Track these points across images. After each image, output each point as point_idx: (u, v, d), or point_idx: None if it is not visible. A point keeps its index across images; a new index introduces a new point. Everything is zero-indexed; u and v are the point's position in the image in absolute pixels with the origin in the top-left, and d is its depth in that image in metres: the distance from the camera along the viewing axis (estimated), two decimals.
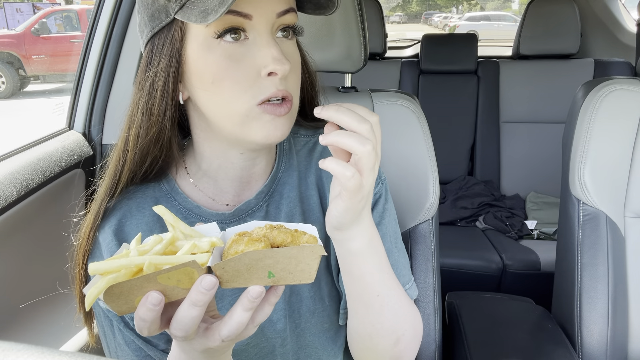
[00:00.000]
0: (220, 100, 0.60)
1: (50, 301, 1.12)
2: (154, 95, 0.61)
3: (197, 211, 0.69)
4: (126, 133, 0.65)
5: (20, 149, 1.09)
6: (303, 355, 0.73)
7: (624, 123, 1.04)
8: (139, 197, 0.69)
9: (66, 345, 1.07)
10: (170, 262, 0.45)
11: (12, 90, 7.75)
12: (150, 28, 0.61)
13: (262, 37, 0.58)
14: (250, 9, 0.57)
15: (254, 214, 0.70)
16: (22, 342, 0.27)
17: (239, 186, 0.70)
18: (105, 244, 0.66)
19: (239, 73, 0.58)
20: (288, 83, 0.61)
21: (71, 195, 1.19)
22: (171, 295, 0.46)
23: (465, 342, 1.06)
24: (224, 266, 0.45)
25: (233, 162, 0.68)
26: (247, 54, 0.58)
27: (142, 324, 0.46)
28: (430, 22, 23.16)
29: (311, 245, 0.46)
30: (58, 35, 8.58)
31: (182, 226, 0.50)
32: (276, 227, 0.50)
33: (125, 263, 0.45)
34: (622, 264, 1.05)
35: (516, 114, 2.43)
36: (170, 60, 0.60)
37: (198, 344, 0.50)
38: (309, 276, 0.47)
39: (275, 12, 0.59)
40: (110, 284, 0.44)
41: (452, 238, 2.07)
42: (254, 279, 0.47)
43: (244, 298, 0.46)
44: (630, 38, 2.55)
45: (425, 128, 1.02)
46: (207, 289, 0.44)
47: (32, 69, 8.11)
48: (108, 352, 0.70)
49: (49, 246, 1.13)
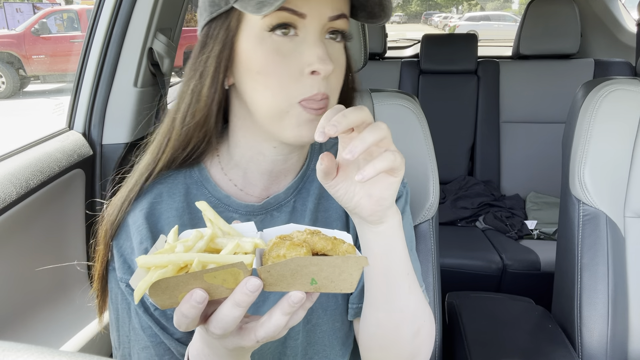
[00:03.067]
0: (264, 91, 0.61)
1: (50, 301, 1.12)
2: (204, 79, 0.63)
3: (226, 201, 0.70)
4: (174, 115, 0.66)
5: (20, 149, 1.10)
6: (311, 352, 0.73)
7: (624, 123, 1.04)
8: (170, 182, 0.70)
9: (66, 345, 1.07)
10: (217, 262, 0.46)
11: (12, 90, 7.75)
12: (209, 13, 0.63)
13: (311, 36, 0.60)
14: (305, 9, 0.59)
15: (281, 208, 0.71)
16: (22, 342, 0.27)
17: (268, 180, 0.71)
18: (135, 226, 0.67)
19: (284, 67, 0.60)
20: (329, 84, 0.62)
21: (71, 195, 1.19)
22: (214, 294, 0.46)
23: (465, 342, 1.06)
24: (269, 270, 0.46)
25: (265, 155, 0.68)
26: (294, 51, 0.60)
27: (183, 320, 0.46)
28: (430, 22, 23.17)
29: (356, 257, 0.47)
30: (58, 35, 8.58)
31: (222, 223, 0.51)
32: (315, 232, 0.51)
33: (174, 259, 0.45)
34: (622, 264, 1.05)
35: (516, 114, 2.43)
36: (223, 47, 0.62)
37: (230, 342, 0.50)
38: (350, 286, 0.48)
39: (328, 15, 0.61)
40: (159, 278, 0.44)
41: (452, 238, 2.07)
42: (297, 285, 0.47)
43: (285, 302, 0.47)
44: (630, 38, 2.56)
45: (425, 128, 1.02)
46: (251, 291, 0.45)
47: (32, 69, 8.11)
48: (117, 336, 0.71)
49: (49, 246, 1.13)
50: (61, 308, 1.14)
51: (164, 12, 1.33)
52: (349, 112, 0.52)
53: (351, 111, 0.52)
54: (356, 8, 0.66)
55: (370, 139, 0.51)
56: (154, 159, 0.68)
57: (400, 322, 0.65)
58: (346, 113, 0.52)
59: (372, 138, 0.51)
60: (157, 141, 0.69)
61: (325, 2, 0.60)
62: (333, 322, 0.73)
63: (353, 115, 0.52)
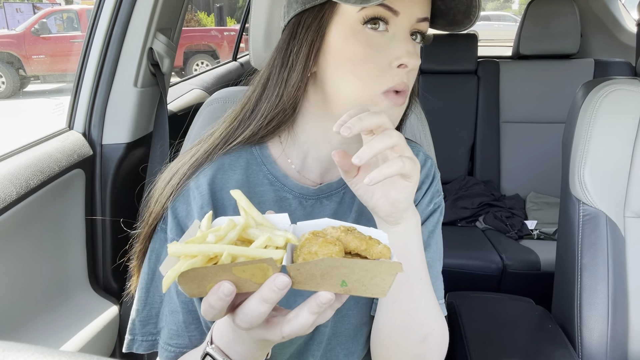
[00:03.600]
0: (353, 79, 0.64)
1: (50, 301, 1.12)
2: (295, 65, 0.66)
3: (284, 180, 0.72)
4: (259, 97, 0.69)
5: (20, 149, 1.10)
6: (335, 342, 0.74)
7: (624, 123, 1.04)
8: (232, 156, 0.73)
9: (66, 345, 1.07)
10: (247, 255, 0.46)
11: (12, 90, 7.75)
12: (302, 3, 0.66)
13: (402, 33, 0.64)
14: (399, 7, 0.63)
15: (331, 197, 0.73)
16: (22, 342, 0.27)
17: (326, 167, 0.73)
18: (198, 190, 0.69)
19: (374, 59, 0.63)
20: (410, 79, 0.66)
21: (71, 195, 1.19)
22: (242, 287, 0.46)
23: (465, 342, 1.06)
24: (299, 268, 0.46)
25: (331, 142, 0.70)
26: (384, 45, 0.64)
27: (210, 310, 0.47)
28: None
29: (390, 262, 0.46)
30: (58, 35, 8.58)
31: (255, 213, 0.51)
32: (350, 230, 0.50)
33: (204, 250, 0.45)
34: (622, 264, 1.05)
35: (516, 114, 2.43)
36: (316, 37, 0.65)
37: (256, 334, 0.50)
38: (382, 291, 0.47)
39: (417, 16, 0.65)
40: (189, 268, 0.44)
41: (452, 238, 2.06)
42: (326, 285, 0.47)
43: (313, 302, 0.47)
44: (630, 38, 2.56)
45: (426, 128, 1.02)
46: (279, 288, 0.45)
47: (32, 69, 8.11)
48: (146, 296, 0.70)
49: (49, 246, 1.13)
50: (61, 308, 1.14)
51: (164, 12, 1.33)
52: (365, 116, 0.55)
53: (367, 116, 0.55)
54: (435, 16, 0.69)
55: (377, 147, 0.53)
56: (231, 134, 0.71)
57: (406, 324, 0.66)
58: (362, 117, 0.54)
59: (380, 146, 0.54)
60: (238, 118, 0.71)
61: (417, 3, 0.64)
62: (362, 316, 0.74)
63: (368, 121, 0.54)
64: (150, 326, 0.71)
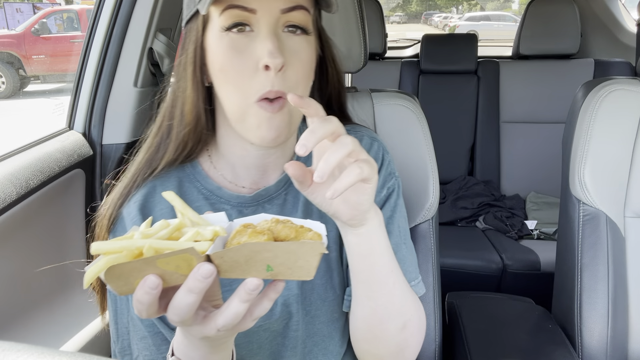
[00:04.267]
0: (226, 87, 0.63)
1: (50, 301, 1.12)
2: (186, 80, 0.66)
3: (219, 192, 0.72)
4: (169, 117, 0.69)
5: (20, 149, 1.10)
6: (310, 343, 0.74)
7: (624, 123, 1.04)
8: (163, 176, 0.72)
9: (66, 345, 1.07)
10: (171, 248, 0.45)
11: (12, 90, 7.75)
12: (185, 15, 0.67)
13: (263, 30, 0.61)
14: (255, 4, 0.60)
15: (272, 201, 0.73)
16: (22, 342, 0.27)
17: (256, 174, 0.73)
18: (129, 217, 0.69)
19: (240, 63, 0.61)
20: (286, 78, 0.62)
21: (71, 195, 1.19)
22: (170, 280, 0.46)
23: (465, 342, 1.06)
24: (222, 255, 0.46)
25: (248, 150, 0.70)
26: (249, 45, 0.61)
27: (140, 306, 0.46)
28: (430, 22, 23.16)
29: (312, 242, 0.46)
30: (58, 35, 8.58)
31: (191, 213, 0.51)
32: (282, 221, 0.50)
33: (127, 245, 0.45)
34: (622, 264, 1.05)
35: (516, 114, 2.43)
36: (195, 47, 0.65)
37: (195, 331, 0.50)
38: (308, 273, 0.47)
39: (279, 8, 0.61)
40: (110, 264, 0.44)
41: (452, 238, 2.06)
42: (252, 271, 0.47)
43: (241, 289, 0.46)
44: (630, 38, 2.55)
45: (425, 128, 1.02)
46: (204, 277, 0.45)
47: (32, 69, 8.11)
48: (116, 328, 0.72)
49: (49, 246, 1.13)
50: (61, 308, 1.14)
51: (164, 12, 1.33)
52: (317, 127, 0.52)
53: (319, 126, 0.52)
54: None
55: (334, 159, 0.51)
56: (152, 160, 0.70)
57: (384, 317, 0.67)
58: (314, 129, 0.52)
59: (336, 157, 0.51)
60: (155, 141, 0.71)
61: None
62: (332, 313, 0.73)
63: (321, 131, 0.52)
64: (127, 357, 0.72)
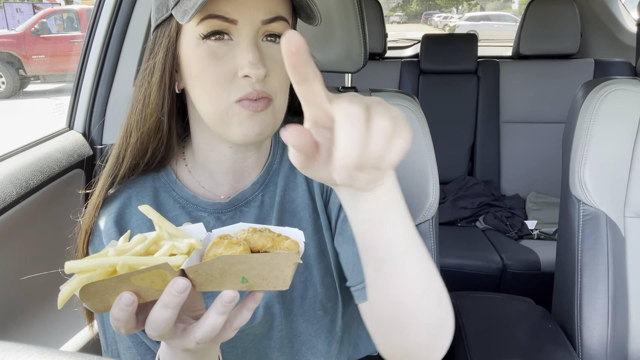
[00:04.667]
0: (202, 94, 0.62)
1: (50, 301, 1.12)
2: (151, 85, 0.65)
3: (194, 201, 0.71)
4: (128, 121, 0.68)
5: (20, 149, 1.09)
6: (298, 343, 0.73)
7: (624, 123, 1.04)
8: (138, 187, 0.72)
9: (66, 345, 1.07)
10: (145, 263, 0.45)
11: (12, 90, 7.75)
12: (155, 19, 0.65)
13: (244, 41, 0.61)
14: (236, 15, 0.60)
15: (250, 204, 0.72)
16: (22, 342, 0.27)
17: (233, 178, 0.72)
18: (105, 230, 0.69)
19: (218, 70, 0.61)
20: (268, 85, 0.62)
21: (71, 195, 1.19)
22: (146, 296, 0.46)
23: (465, 342, 1.06)
24: (197, 269, 0.45)
25: (225, 155, 0.69)
26: (228, 54, 0.61)
27: (117, 323, 0.46)
28: (430, 22, 23.16)
29: (285, 253, 0.46)
30: (58, 35, 8.57)
31: (168, 226, 0.50)
32: (260, 230, 0.50)
33: (100, 263, 0.45)
34: (622, 264, 1.05)
35: (516, 114, 2.43)
36: (166, 53, 0.64)
37: (175, 343, 0.50)
38: (284, 283, 0.47)
39: (261, 19, 0.61)
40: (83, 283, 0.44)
41: (452, 238, 2.06)
42: (228, 284, 0.47)
43: (218, 302, 0.46)
44: (630, 38, 2.55)
45: (425, 128, 1.02)
46: (178, 292, 0.45)
47: (32, 69, 8.11)
48: (105, 338, 0.72)
49: (49, 246, 1.13)
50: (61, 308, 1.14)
51: None
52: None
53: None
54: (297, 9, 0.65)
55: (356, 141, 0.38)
56: (115, 166, 0.70)
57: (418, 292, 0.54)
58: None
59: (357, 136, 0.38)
60: (116, 147, 0.70)
61: (257, 6, 0.60)
62: (314, 311, 0.73)
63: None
64: None
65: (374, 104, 0.41)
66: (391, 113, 0.40)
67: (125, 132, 0.69)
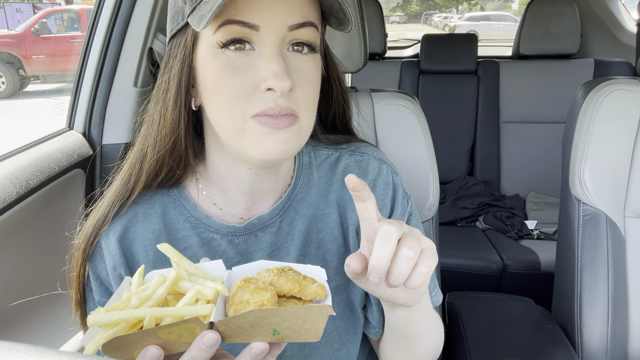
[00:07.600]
0: (219, 109, 0.57)
1: (50, 301, 1.12)
2: (167, 102, 0.60)
3: (207, 221, 0.66)
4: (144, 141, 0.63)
5: (20, 149, 1.09)
6: None
7: (624, 123, 1.04)
8: (146, 203, 0.67)
9: (66, 345, 1.07)
10: (172, 315, 0.44)
11: (12, 90, 7.75)
12: (170, 29, 0.61)
13: (267, 50, 0.55)
14: (258, 20, 0.54)
15: (266, 229, 0.67)
16: (22, 342, 0.27)
17: (250, 200, 0.67)
18: (108, 250, 0.65)
19: (237, 83, 0.55)
20: (293, 100, 0.56)
21: (71, 195, 1.19)
22: (172, 348, 0.45)
23: (465, 342, 1.06)
24: (227, 323, 0.44)
25: (242, 176, 0.65)
26: (249, 65, 0.55)
27: None
28: (430, 22, 23.15)
29: (319, 306, 0.45)
30: (58, 35, 8.57)
31: (187, 264, 0.48)
32: (284, 271, 0.49)
33: (125, 317, 0.43)
34: (622, 264, 1.05)
35: (516, 114, 2.43)
36: (182, 66, 0.58)
37: None
38: (315, 335, 0.46)
39: (287, 24, 0.55)
40: (109, 339, 0.42)
41: (452, 238, 2.06)
42: (258, 336, 0.46)
43: (246, 353, 0.45)
44: (630, 38, 2.55)
45: (425, 128, 1.02)
46: (208, 346, 0.43)
47: (32, 69, 8.11)
48: None
49: (49, 246, 1.13)
50: (61, 308, 1.14)
51: (164, 12, 1.33)
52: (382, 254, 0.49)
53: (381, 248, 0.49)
54: (327, 14, 0.60)
55: (385, 257, 0.48)
56: (127, 187, 0.65)
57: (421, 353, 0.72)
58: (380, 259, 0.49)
59: (386, 254, 0.48)
60: (128, 167, 0.65)
61: (283, 10, 0.54)
62: (331, 344, 0.70)
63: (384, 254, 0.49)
64: None
65: (408, 235, 0.49)
66: (420, 244, 0.49)
67: (139, 153, 0.64)
